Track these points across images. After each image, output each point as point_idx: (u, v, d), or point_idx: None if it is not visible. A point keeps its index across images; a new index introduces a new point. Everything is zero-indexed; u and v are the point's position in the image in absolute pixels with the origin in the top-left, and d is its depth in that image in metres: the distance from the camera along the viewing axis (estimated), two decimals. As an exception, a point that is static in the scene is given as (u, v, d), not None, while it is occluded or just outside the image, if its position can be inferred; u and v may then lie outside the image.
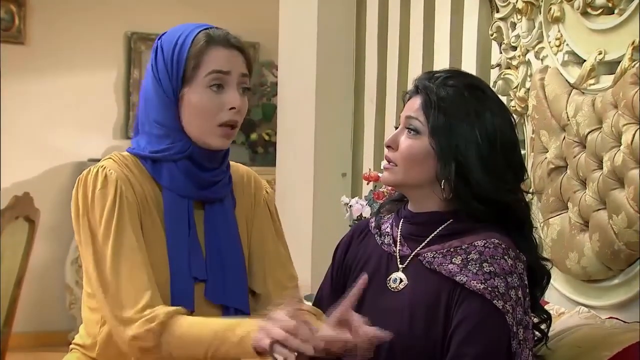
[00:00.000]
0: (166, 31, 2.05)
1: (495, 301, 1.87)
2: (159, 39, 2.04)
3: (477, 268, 1.91)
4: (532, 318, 1.99)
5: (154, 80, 2.01)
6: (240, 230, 2.10)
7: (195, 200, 2.03)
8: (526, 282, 1.94)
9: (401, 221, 2.06)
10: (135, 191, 1.99)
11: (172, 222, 2.00)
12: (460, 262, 1.93)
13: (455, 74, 2.03)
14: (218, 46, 2.00)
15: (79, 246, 1.99)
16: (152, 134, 2.02)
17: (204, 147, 2.02)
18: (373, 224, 2.12)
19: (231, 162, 2.12)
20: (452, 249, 1.96)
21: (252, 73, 2.07)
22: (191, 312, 1.96)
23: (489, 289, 1.88)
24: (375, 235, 2.09)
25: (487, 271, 1.90)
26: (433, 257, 1.97)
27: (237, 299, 2.04)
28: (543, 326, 2.07)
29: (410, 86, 2.08)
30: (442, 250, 1.97)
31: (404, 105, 2.05)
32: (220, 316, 2.02)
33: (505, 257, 1.92)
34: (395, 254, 2.03)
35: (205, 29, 2.03)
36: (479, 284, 1.89)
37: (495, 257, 1.92)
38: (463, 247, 1.95)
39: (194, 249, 2.02)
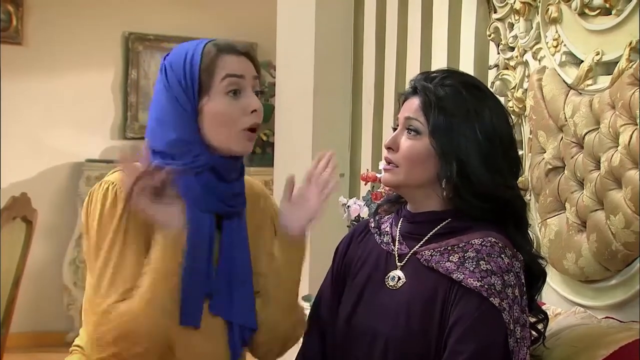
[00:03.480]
0: (169, 52, 2.05)
1: (491, 299, 1.87)
2: (164, 60, 2.04)
3: (474, 266, 1.91)
4: (530, 317, 2.00)
5: (170, 98, 2.00)
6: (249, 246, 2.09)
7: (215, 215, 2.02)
8: (523, 281, 1.95)
9: (400, 220, 2.06)
10: None
11: (192, 237, 1.97)
12: (457, 260, 1.93)
13: (450, 73, 2.04)
14: (228, 53, 2.01)
15: (86, 258, 2.00)
16: (167, 154, 1.99)
17: (228, 154, 2.01)
18: (373, 224, 2.13)
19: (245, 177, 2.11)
20: (449, 247, 1.96)
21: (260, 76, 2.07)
22: (196, 329, 1.97)
23: (486, 286, 1.88)
24: (375, 235, 2.10)
25: (484, 269, 1.90)
26: (431, 255, 1.97)
27: (244, 315, 2.03)
28: (540, 326, 2.08)
29: (407, 87, 2.08)
30: (439, 249, 1.97)
31: (400, 107, 2.06)
32: (226, 332, 2.02)
33: (502, 255, 1.93)
34: (393, 252, 2.04)
35: (210, 41, 2.04)
36: (476, 282, 1.89)
37: (492, 256, 1.92)
38: (460, 245, 1.95)
39: (211, 264, 2.01)
